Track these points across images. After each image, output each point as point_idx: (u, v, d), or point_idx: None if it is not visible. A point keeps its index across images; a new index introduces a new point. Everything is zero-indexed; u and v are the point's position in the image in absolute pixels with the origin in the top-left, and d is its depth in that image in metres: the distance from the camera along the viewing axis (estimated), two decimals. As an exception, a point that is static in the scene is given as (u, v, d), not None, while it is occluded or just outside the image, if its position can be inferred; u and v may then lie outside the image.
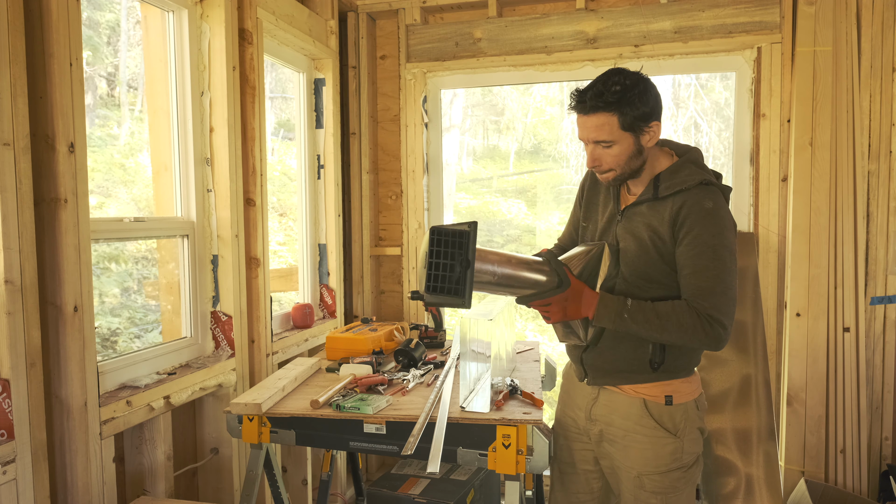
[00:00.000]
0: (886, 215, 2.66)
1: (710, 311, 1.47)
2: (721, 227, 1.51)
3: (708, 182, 1.55)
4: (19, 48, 1.50)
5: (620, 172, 1.59)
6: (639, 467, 1.62)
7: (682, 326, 1.48)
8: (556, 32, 2.96)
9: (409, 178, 3.25)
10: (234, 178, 2.28)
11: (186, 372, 2.08)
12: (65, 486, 1.67)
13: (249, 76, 2.34)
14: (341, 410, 1.82)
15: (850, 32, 2.62)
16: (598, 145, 1.56)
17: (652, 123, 1.54)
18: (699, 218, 1.50)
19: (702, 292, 1.49)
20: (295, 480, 2.67)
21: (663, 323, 1.50)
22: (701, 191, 1.53)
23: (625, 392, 1.65)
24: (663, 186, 1.57)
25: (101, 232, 1.85)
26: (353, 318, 3.19)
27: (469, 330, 1.85)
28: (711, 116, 6.91)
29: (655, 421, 1.60)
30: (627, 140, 1.54)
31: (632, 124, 1.51)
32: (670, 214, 1.54)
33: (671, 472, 1.61)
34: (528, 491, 2.06)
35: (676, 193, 1.55)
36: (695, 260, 1.50)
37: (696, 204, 1.51)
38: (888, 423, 2.71)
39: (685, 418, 1.62)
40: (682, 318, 1.49)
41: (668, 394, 1.61)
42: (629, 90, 1.49)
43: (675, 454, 1.61)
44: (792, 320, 2.70)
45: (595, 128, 1.54)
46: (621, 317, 1.52)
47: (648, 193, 1.59)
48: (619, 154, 1.55)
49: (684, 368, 1.64)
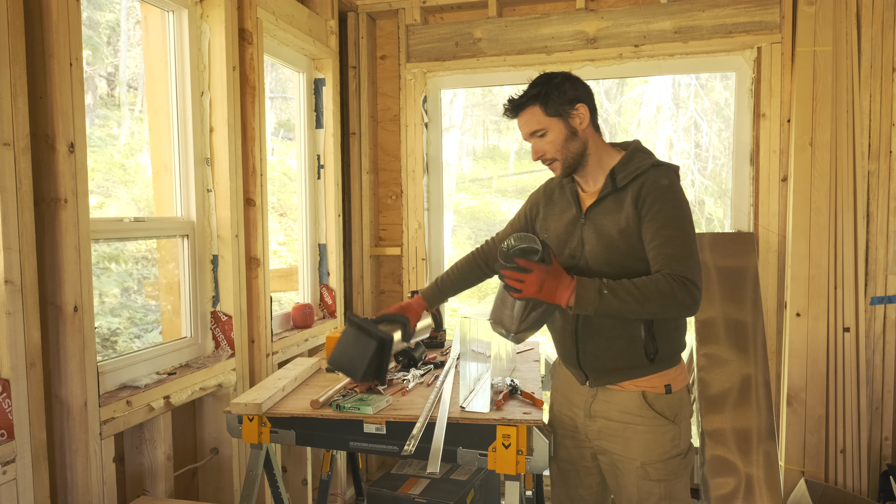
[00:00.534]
0: (886, 215, 2.66)
1: (684, 273, 1.52)
2: (679, 200, 1.61)
3: (658, 163, 1.65)
4: (19, 48, 1.50)
5: (563, 158, 1.67)
6: (642, 457, 1.66)
7: (661, 293, 1.51)
8: (556, 32, 2.96)
9: (409, 178, 3.25)
10: (234, 178, 2.28)
11: (186, 372, 2.08)
12: (65, 486, 1.67)
13: (249, 76, 2.34)
14: (341, 410, 1.81)
15: (850, 32, 2.62)
16: (534, 137, 1.68)
17: (577, 106, 1.64)
18: (658, 194, 1.59)
19: (672, 258, 1.54)
20: (295, 480, 2.67)
21: (643, 292, 1.52)
22: (655, 171, 1.63)
23: (624, 388, 1.68)
24: (620, 177, 1.65)
25: (101, 232, 1.85)
26: (353, 318, 3.18)
27: (469, 330, 1.85)
28: (711, 116, 6.91)
29: (655, 411, 1.65)
30: (557, 125, 1.65)
31: (557, 110, 1.64)
32: (632, 198, 1.61)
33: (672, 459, 1.66)
34: (528, 491, 2.06)
35: (634, 179, 1.63)
36: (660, 231, 1.57)
37: (654, 182, 1.61)
38: (888, 423, 2.71)
39: (681, 404, 1.68)
40: (659, 286, 1.52)
41: (666, 383, 1.66)
42: (547, 84, 1.64)
43: (674, 441, 1.66)
44: (792, 320, 2.70)
45: (525, 122, 1.68)
46: (601, 294, 1.53)
47: (608, 188, 1.66)
48: (554, 139, 1.66)
49: (676, 354, 1.70)
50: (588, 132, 1.68)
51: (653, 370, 1.65)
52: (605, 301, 1.52)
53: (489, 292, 6.42)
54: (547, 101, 1.63)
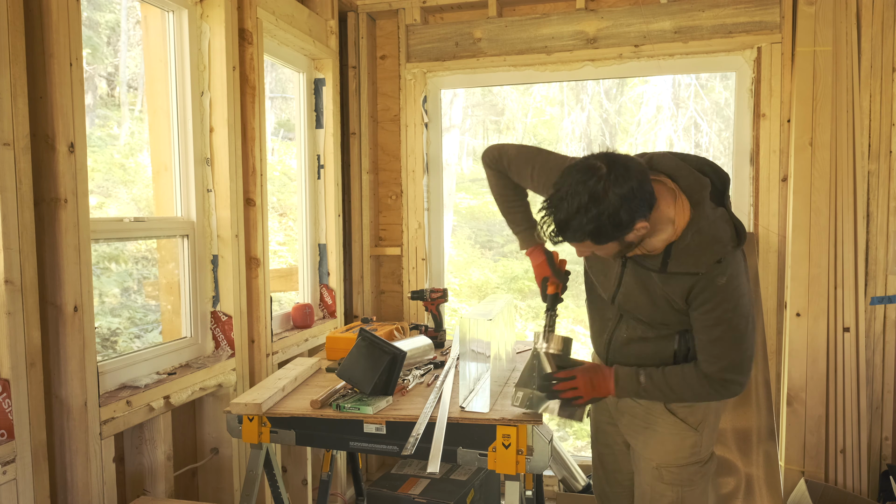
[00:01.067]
0: (886, 215, 2.65)
1: (722, 374, 1.51)
2: (736, 298, 1.45)
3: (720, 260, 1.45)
4: (19, 48, 1.50)
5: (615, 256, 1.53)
6: (658, 459, 1.66)
7: (696, 394, 1.55)
8: (556, 32, 2.96)
9: (409, 178, 3.25)
10: (234, 178, 2.28)
11: (186, 372, 2.08)
12: (65, 486, 1.67)
13: (249, 76, 2.34)
14: (341, 410, 1.81)
15: (850, 32, 2.62)
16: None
17: (637, 226, 1.38)
18: (712, 294, 1.45)
19: (714, 359, 1.51)
20: (295, 480, 2.67)
21: (677, 393, 1.56)
22: (712, 272, 1.44)
23: None
24: (672, 264, 1.46)
25: (101, 232, 1.85)
26: (353, 318, 3.18)
27: (469, 330, 1.85)
28: (711, 116, 6.91)
29: (678, 416, 1.64)
30: (613, 244, 1.43)
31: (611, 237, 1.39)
32: (682, 290, 1.48)
33: (689, 466, 1.64)
34: (528, 491, 2.06)
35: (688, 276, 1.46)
36: (709, 331, 1.49)
37: (710, 284, 1.45)
38: (888, 423, 2.71)
39: (706, 413, 1.65)
40: (693, 387, 1.54)
41: None
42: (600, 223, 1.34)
43: (694, 448, 1.64)
44: (792, 320, 2.70)
45: (578, 248, 1.48)
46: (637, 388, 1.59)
47: (656, 265, 1.49)
48: (608, 252, 1.47)
49: None
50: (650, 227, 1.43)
51: None
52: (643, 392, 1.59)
53: (489, 292, 6.42)
54: (599, 237, 1.37)
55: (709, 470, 1.69)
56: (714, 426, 1.69)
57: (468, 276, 6.61)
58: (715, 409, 1.68)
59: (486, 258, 6.88)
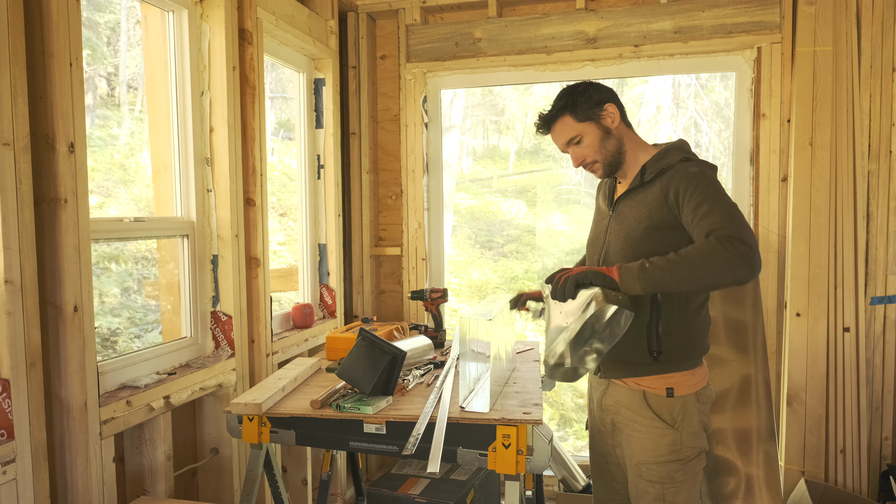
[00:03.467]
0: (886, 215, 2.66)
1: (729, 232, 1.44)
2: (710, 179, 1.57)
3: (689, 157, 1.65)
4: (19, 48, 1.50)
5: (603, 159, 1.72)
6: (638, 456, 1.68)
7: (703, 253, 1.44)
8: (556, 32, 2.96)
9: (409, 178, 3.25)
10: (234, 178, 2.28)
11: (186, 372, 2.08)
12: (65, 486, 1.67)
13: (249, 76, 2.34)
14: (341, 410, 1.81)
15: (850, 32, 2.62)
16: (572, 145, 1.73)
17: (605, 106, 1.70)
18: (689, 181, 1.57)
19: (713, 225, 1.47)
20: (295, 480, 2.67)
21: (686, 257, 1.46)
22: (682, 164, 1.63)
23: (627, 385, 1.70)
24: (648, 171, 1.67)
25: (101, 232, 1.85)
26: (353, 318, 3.19)
27: (469, 330, 1.85)
28: (711, 116, 6.91)
29: (654, 412, 1.65)
30: (591, 128, 1.70)
31: (587, 114, 1.69)
32: (661, 191, 1.62)
33: (668, 464, 1.64)
34: (528, 491, 2.06)
35: (661, 173, 1.64)
36: (697, 209, 1.52)
37: (681, 171, 1.60)
38: (888, 423, 2.71)
39: (684, 411, 1.64)
40: (700, 247, 1.45)
41: (669, 386, 1.65)
42: (571, 94, 1.71)
43: (672, 446, 1.64)
44: (792, 320, 2.70)
45: (559, 133, 1.73)
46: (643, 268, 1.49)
47: (637, 181, 1.69)
48: (591, 143, 1.71)
49: (686, 359, 1.65)
50: (621, 129, 1.73)
51: (655, 371, 1.65)
52: (648, 273, 1.48)
53: (489, 292, 6.42)
54: (576, 108, 1.69)
55: (693, 468, 1.66)
56: (698, 426, 1.65)
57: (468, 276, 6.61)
58: (697, 410, 1.65)
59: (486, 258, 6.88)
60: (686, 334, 1.65)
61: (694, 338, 1.67)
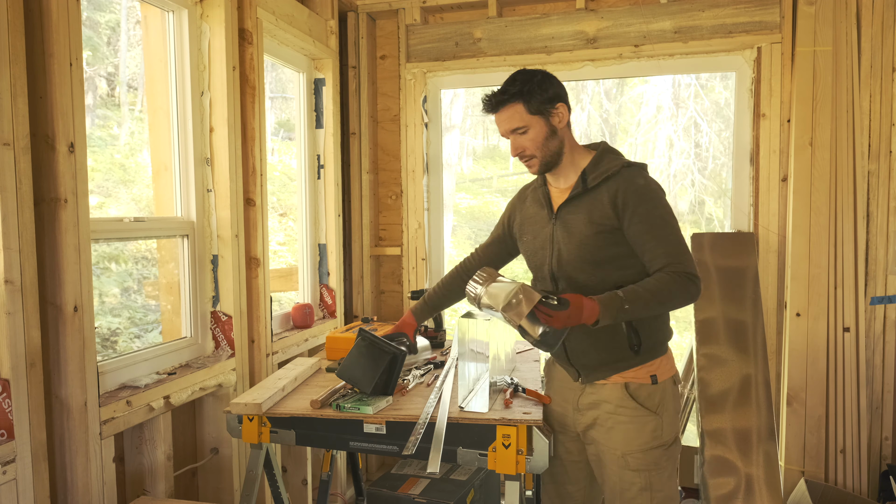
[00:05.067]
0: (886, 215, 2.66)
1: (686, 268, 1.58)
2: (658, 197, 1.65)
3: (629, 164, 1.69)
4: (19, 48, 1.50)
5: (542, 156, 1.70)
6: (623, 447, 1.68)
7: (673, 293, 1.57)
8: (556, 32, 2.96)
9: (409, 178, 3.25)
10: (234, 178, 2.28)
11: (186, 372, 2.08)
12: (65, 486, 1.67)
13: (249, 76, 2.34)
14: (341, 410, 1.81)
15: (850, 32, 2.62)
16: (516, 134, 1.69)
17: (557, 105, 1.68)
18: (638, 196, 1.62)
19: (671, 256, 1.59)
20: (295, 480, 2.67)
21: (659, 298, 1.57)
22: (628, 172, 1.66)
23: (611, 381, 1.71)
24: (591, 177, 1.68)
25: (101, 232, 1.85)
26: (354, 317, 3.19)
27: (468, 330, 1.85)
28: (711, 116, 6.91)
29: (637, 402, 1.67)
30: (539, 123, 1.67)
31: (538, 108, 1.66)
32: (609, 199, 1.64)
33: (653, 450, 1.67)
34: (528, 491, 2.06)
35: (606, 180, 1.66)
36: (650, 233, 1.60)
37: (630, 183, 1.63)
38: (888, 423, 2.71)
39: (663, 395, 1.69)
40: (671, 287, 1.57)
41: (652, 373, 1.69)
42: (528, 82, 1.66)
43: (655, 432, 1.67)
44: (792, 320, 2.70)
45: (507, 119, 1.69)
46: (622, 309, 1.56)
47: (579, 187, 1.69)
48: (535, 137, 1.68)
49: (661, 344, 1.72)
50: (565, 131, 1.72)
51: (638, 361, 1.68)
52: (625, 314, 1.56)
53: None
54: (530, 98, 1.65)
55: (674, 453, 1.72)
56: (674, 410, 1.72)
57: (468, 276, 6.60)
58: (672, 394, 1.72)
59: (486, 258, 6.86)
60: (658, 321, 1.70)
61: (664, 324, 1.74)
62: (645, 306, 1.56)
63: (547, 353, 1.81)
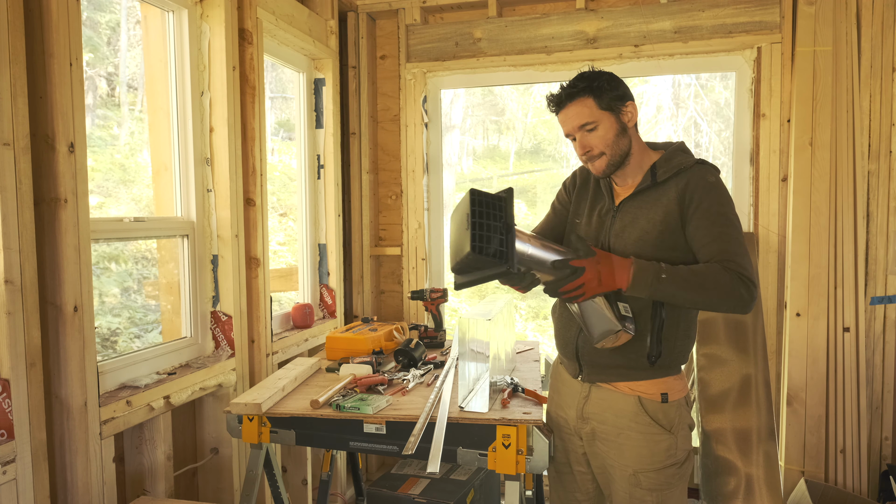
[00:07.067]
0: (886, 215, 2.66)
1: (741, 270, 1.47)
2: (726, 197, 1.58)
3: (702, 161, 1.63)
4: (19, 48, 1.50)
5: (611, 155, 1.61)
6: (634, 465, 1.62)
7: (720, 283, 1.47)
8: (556, 32, 2.96)
9: (409, 178, 3.25)
10: (234, 178, 2.28)
11: (186, 372, 2.08)
12: (65, 486, 1.67)
13: (249, 76, 2.34)
14: (341, 410, 1.82)
15: (850, 32, 2.62)
16: (583, 131, 1.61)
17: (627, 103, 1.61)
18: (706, 191, 1.55)
19: (728, 254, 1.49)
20: (295, 480, 2.67)
21: (701, 281, 1.47)
22: (700, 168, 1.61)
23: (619, 390, 1.64)
24: (661, 171, 1.62)
25: (101, 232, 1.85)
26: (353, 317, 3.19)
27: (468, 330, 1.85)
28: (711, 116, 6.91)
29: (651, 418, 1.60)
30: (609, 119, 1.60)
31: (609, 104, 1.59)
32: (677, 193, 1.58)
33: (666, 469, 1.61)
34: (528, 491, 2.06)
35: (677, 174, 1.60)
36: (711, 228, 1.53)
37: (701, 179, 1.57)
38: (888, 423, 2.71)
39: (678, 415, 1.63)
40: (718, 277, 1.47)
41: (663, 391, 1.62)
42: (597, 78, 1.60)
43: (669, 451, 1.61)
44: (792, 320, 2.70)
45: (576, 115, 1.60)
46: (658, 278, 1.47)
47: (647, 181, 1.63)
48: (605, 134, 1.60)
49: (677, 364, 1.65)
50: (634, 132, 1.65)
51: (650, 375, 1.61)
52: (662, 285, 1.48)
53: (488, 293, 6.42)
54: (601, 93, 1.58)
55: (686, 470, 1.66)
56: (688, 428, 1.66)
57: (468, 276, 6.60)
58: (686, 412, 1.66)
59: (486, 258, 6.86)
60: (683, 340, 1.63)
61: (688, 346, 1.66)
62: (684, 285, 1.46)
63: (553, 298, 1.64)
